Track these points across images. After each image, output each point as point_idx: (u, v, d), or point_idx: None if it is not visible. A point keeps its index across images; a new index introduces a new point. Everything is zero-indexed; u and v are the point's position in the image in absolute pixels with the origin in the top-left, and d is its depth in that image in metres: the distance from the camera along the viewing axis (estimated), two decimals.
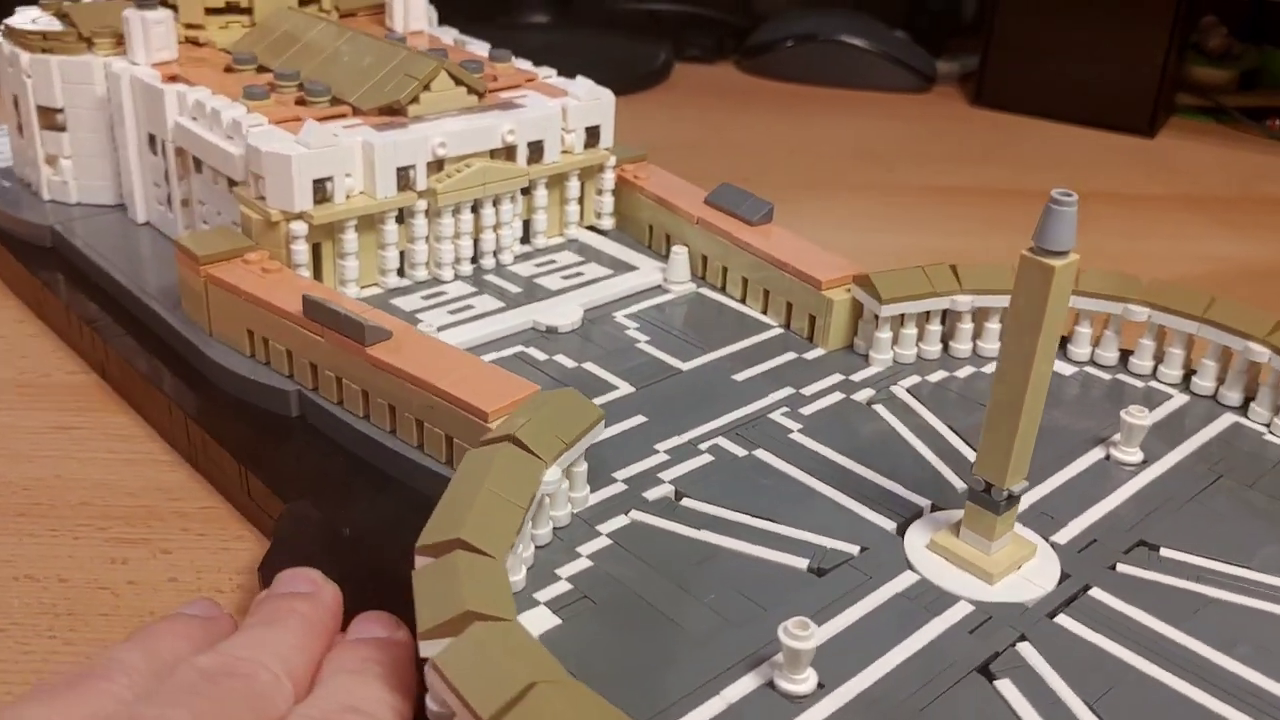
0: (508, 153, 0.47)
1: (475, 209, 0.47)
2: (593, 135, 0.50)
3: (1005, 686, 0.29)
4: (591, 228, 0.52)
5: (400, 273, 0.46)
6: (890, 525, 0.35)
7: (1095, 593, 0.32)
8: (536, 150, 0.48)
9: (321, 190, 0.43)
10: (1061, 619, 0.31)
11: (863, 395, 0.41)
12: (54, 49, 0.51)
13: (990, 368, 0.43)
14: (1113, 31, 0.79)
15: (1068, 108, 0.82)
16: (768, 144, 0.77)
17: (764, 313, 0.46)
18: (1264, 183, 0.74)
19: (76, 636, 0.34)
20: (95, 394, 0.46)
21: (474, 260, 0.48)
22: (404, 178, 0.44)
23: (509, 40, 0.81)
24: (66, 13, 0.52)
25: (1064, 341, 0.44)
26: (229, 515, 0.39)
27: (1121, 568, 0.33)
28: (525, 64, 0.53)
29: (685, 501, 0.35)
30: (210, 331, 0.43)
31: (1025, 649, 0.30)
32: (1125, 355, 0.44)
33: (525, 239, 0.50)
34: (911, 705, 0.28)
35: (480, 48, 0.56)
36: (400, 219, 0.45)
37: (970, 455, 0.38)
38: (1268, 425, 0.40)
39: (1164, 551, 0.34)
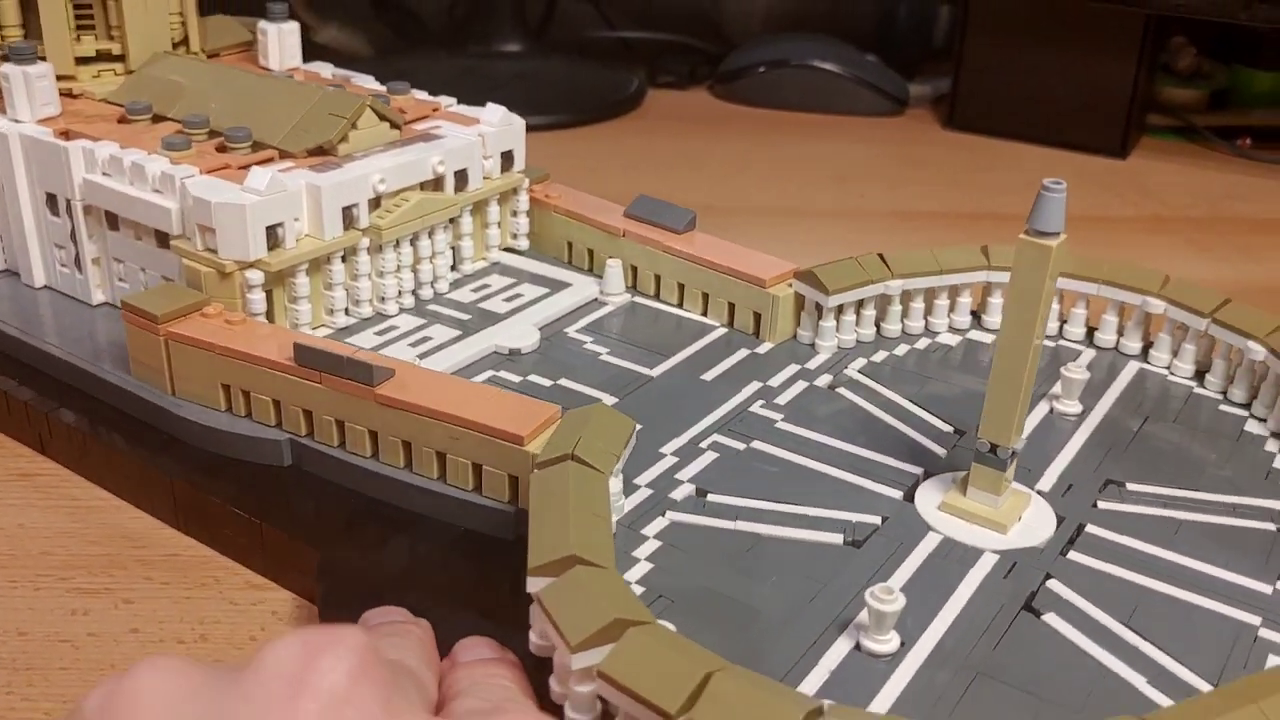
0: (436, 183, 0.48)
1: (413, 241, 0.47)
2: (507, 160, 0.51)
3: (1052, 619, 0.32)
4: (509, 249, 0.53)
5: (345, 311, 0.46)
6: (897, 494, 0.38)
7: (1090, 529, 0.36)
8: (461, 178, 0.49)
9: (273, 236, 0.42)
10: (1072, 555, 0.35)
11: (823, 381, 0.44)
12: None
13: (922, 344, 0.47)
14: (1082, 53, 0.80)
15: (1040, 130, 0.83)
16: (742, 170, 0.78)
17: (704, 314, 0.49)
18: (1233, 203, 0.75)
19: (35, 692, 0.34)
20: (58, 440, 0.44)
21: (414, 292, 0.48)
22: (348, 216, 0.44)
23: (483, 69, 0.81)
24: None
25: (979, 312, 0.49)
26: (192, 562, 0.39)
27: (1102, 504, 0.38)
28: (422, 94, 0.54)
29: (710, 497, 0.37)
30: (172, 391, 0.41)
31: (1055, 585, 0.34)
32: None
33: (453, 266, 0.51)
34: (983, 649, 0.31)
35: (365, 80, 0.56)
36: (343, 257, 0.45)
37: (935, 422, 0.42)
38: (1167, 368, 0.46)
39: (1130, 486, 0.39)
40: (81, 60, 0.52)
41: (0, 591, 0.38)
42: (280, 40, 0.56)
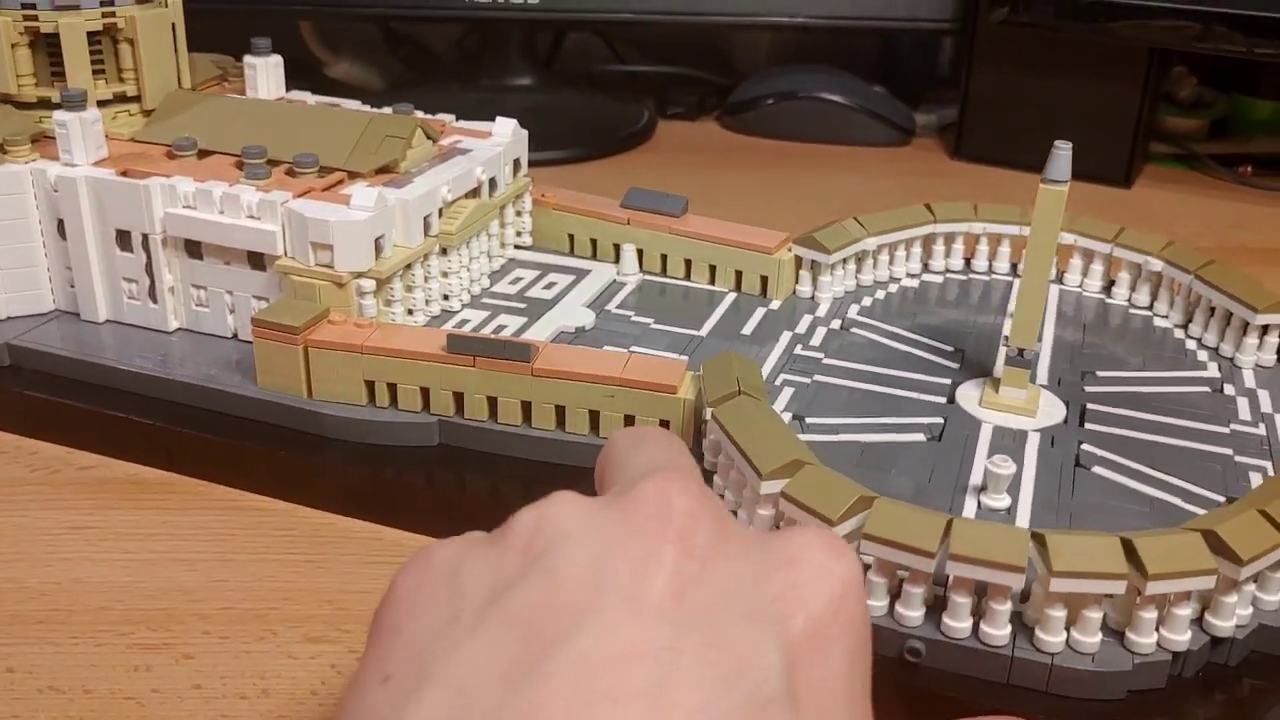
0: (475, 191, 0.54)
1: (467, 243, 0.53)
2: (517, 166, 0.58)
3: (1100, 470, 0.43)
4: (517, 245, 0.60)
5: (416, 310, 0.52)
6: (941, 399, 0.48)
7: (1090, 406, 0.47)
8: (493, 185, 0.55)
9: (378, 248, 0.48)
10: (1088, 425, 0.46)
11: (835, 324, 0.54)
12: None
13: (895, 288, 0.58)
14: (1087, 85, 0.82)
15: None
16: (751, 202, 0.79)
17: (711, 283, 0.57)
18: (1237, 232, 0.77)
19: None
20: (108, 491, 0.46)
21: (467, 289, 0.54)
22: (426, 225, 0.50)
23: (495, 102, 0.86)
24: None
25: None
26: (248, 615, 0.40)
27: (1088, 388, 0.49)
28: (420, 113, 0.59)
29: (807, 420, 0.46)
30: (309, 393, 0.46)
31: (1087, 447, 0.45)
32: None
33: None
34: (1064, 497, 0.41)
35: (353, 105, 0.60)
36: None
37: (933, 344, 0.52)
38: (1079, 286, 0.58)
39: (1099, 373, 0.50)
40: (101, 103, 0.54)
41: (63, 648, 0.38)
42: (268, 73, 0.60)
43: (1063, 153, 0.43)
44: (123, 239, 0.50)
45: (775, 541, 0.25)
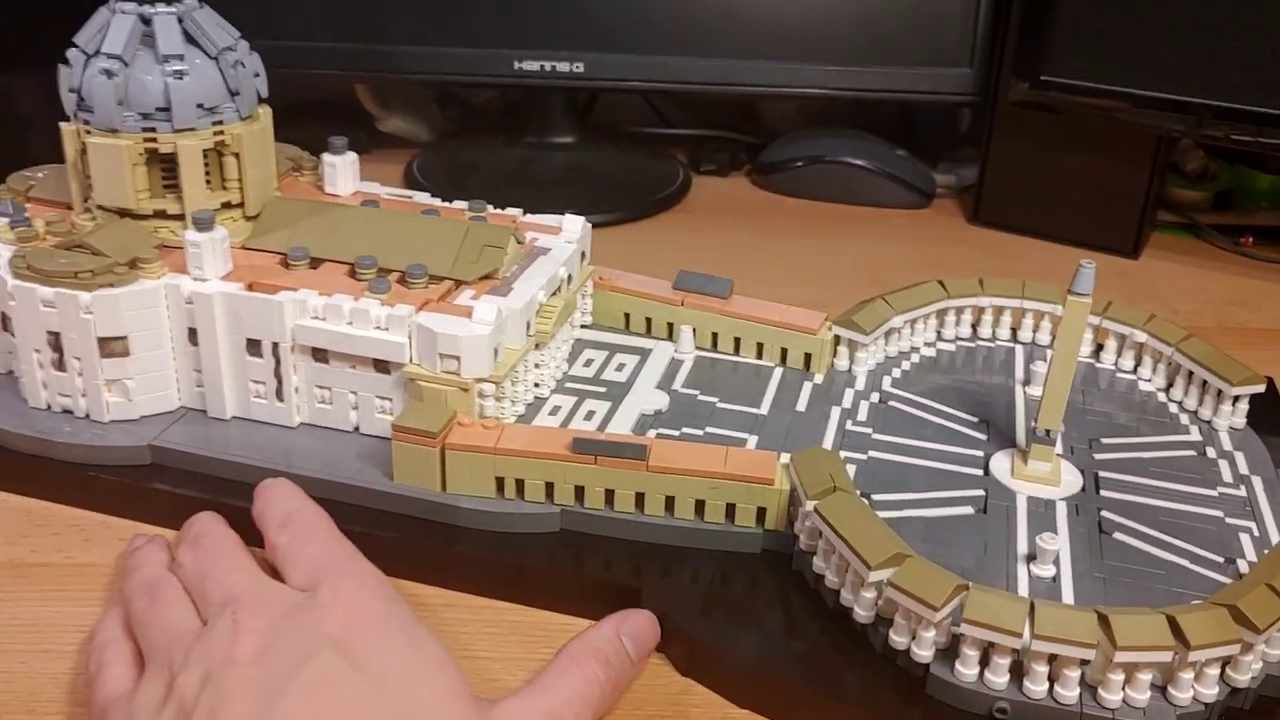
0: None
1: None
2: (583, 257, 0.64)
3: (1120, 536, 0.52)
4: (581, 326, 0.66)
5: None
6: (978, 471, 0.56)
7: (1102, 474, 0.56)
8: (569, 279, 0.62)
9: (495, 354, 0.54)
10: (1103, 492, 0.55)
11: (874, 398, 0.62)
12: (114, 282, 0.54)
13: (916, 358, 0.66)
14: (1100, 160, 0.87)
15: (1058, 227, 0.90)
16: (782, 265, 0.86)
17: (759, 358, 0.64)
18: (1238, 311, 0.82)
19: None
20: None
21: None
22: (527, 327, 0.56)
23: (537, 160, 0.92)
24: (85, 243, 0.55)
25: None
26: None
27: (1097, 456, 0.58)
28: (490, 207, 0.65)
29: (875, 497, 0.54)
30: (444, 488, 0.52)
31: (1107, 514, 0.53)
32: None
33: None
34: (1096, 563, 0.50)
35: (423, 198, 0.66)
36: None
37: (959, 414, 0.60)
38: (1113, 366, 0.67)
39: (1103, 440, 0.59)
40: None
41: None
42: (345, 170, 0.65)
43: (1088, 270, 0.52)
44: (253, 346, 0.55)
45: (311, 600, 0.43)
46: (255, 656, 0.40)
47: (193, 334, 0.56)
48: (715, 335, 0.65)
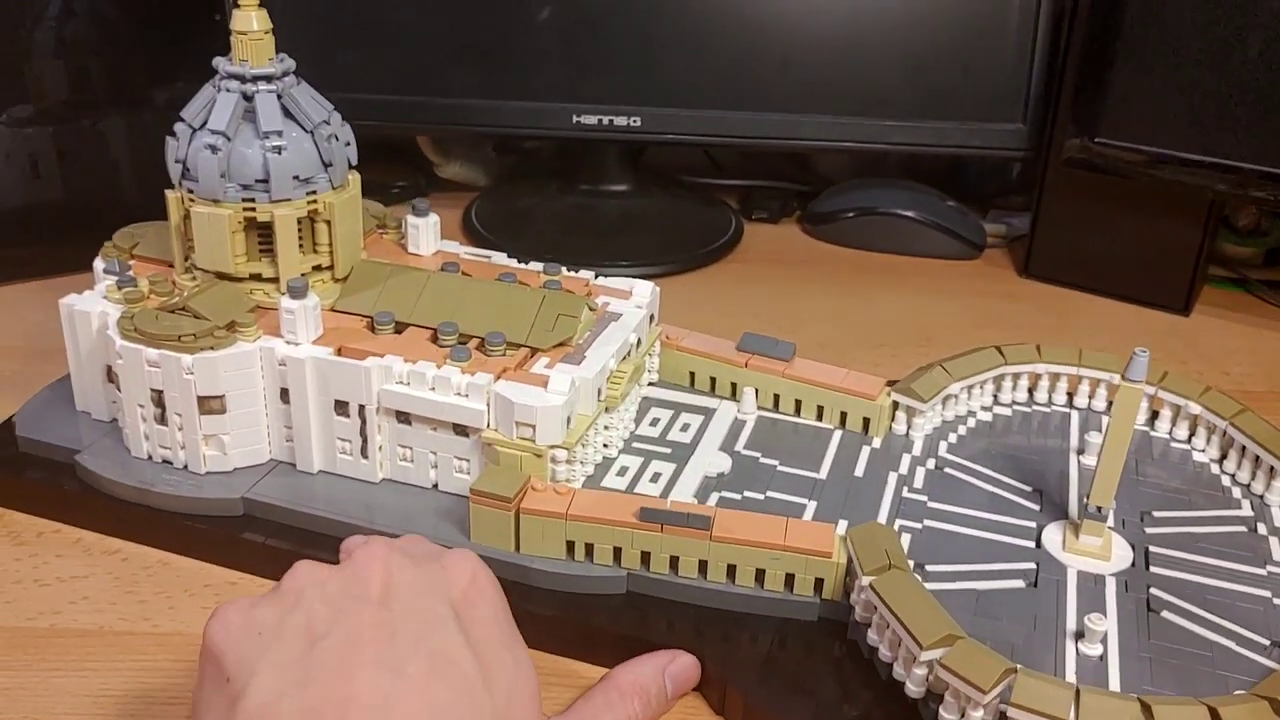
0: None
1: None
2: (651, 319, 0.67)
3: (1169, 615, 0.54)
4: (649, 384, 0.69)
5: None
6: (1030, 543, 0.58)
7: (1152, 549, 0.58)
8: (638, 343, 0.64)
9: (569, 421, 0.57)
10: (1153, 569, 0.57)
11: (930, 464, 0.64)
12: (214, 345, 0.58)
13: (972, 422, 0.68)
14: (1152, 218, 0.88)
15: (1109, 283, 0.91)
16: (835, 319, 0.87)
17: (819, 420, 0.67)
18: None
19: None
20: None
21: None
22: (598, 393, 0.59)
23: (592, 208, 0.95)
24: (187, 306, 0.59)
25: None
26: None
27: (1148, 529, 0.59)
28: (563, 268, 0.68)
29: (928, 567, 0.56)
30: (517, 549, 0.55)
31: (1155, 591, 0.55)
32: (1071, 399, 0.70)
33: None
34: (1142, 642, 0.52)
35: (500, 258, 0.69)
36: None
37: (1012, 482, 0.62)
38: (1167, 435, 0.68)
39: (1155, 514, 0.61)
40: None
41: None
42: (426, 231, 0.69)
43: (1141, 359, 0.53)
44: (340, 406, 0.59)
45: (437, 562, 0.45)
46: (385, 596, 0.42)
47: (285, 393, 0.59)
48: (777, 397, 0.68)
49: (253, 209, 0.60)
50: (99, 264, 0.66)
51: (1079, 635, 0.52)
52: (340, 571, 0.43)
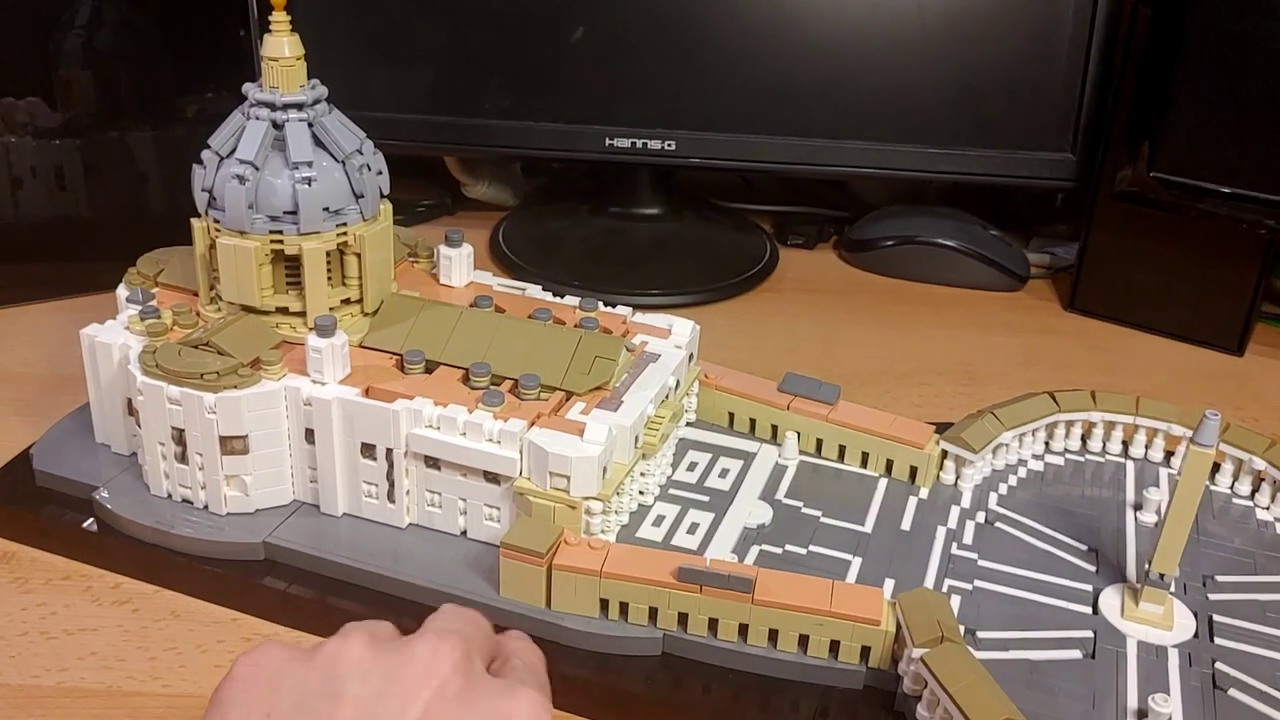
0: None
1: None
2: (690, 357, 0.65)
3: (1235, 694, 0.51)
4: (686, 424, 0.66)
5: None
6: (1086, 609, 0.55)
7: (1216, 618, 0.55)
8: (676, 385, 0.62)
9: (605, 472, 0.54)
10: (1218, 640, 0.54)
11: (980, 517, 0.61)
12: (237, 384, 0.56)
13: (1024, 471, 0.65)
14: (1204, 255, 0.84)
15: (1159, 321, 0.87)
16: (876, 356, 0.84)
17: (863, 467, 0.64)
18: None
19: None
20: None
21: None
22: (635, 440, 0.57)
23: (624, 232, 0.91)
24: (211, 342, 0.57)
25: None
26: None
27: (1212, 597, 0.56)
28: (600, 304, 0.65)
29: (980, 634, 0.53)
30: (548, 605, 0.53)
31: (1221, 666, 0.52)
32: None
33: None
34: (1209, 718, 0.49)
35: (535, 291, 0.67)
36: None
37: (1067, 540, 0.59)
38: (1229, 490, 0.65)
39: (1218, 578, 0.58)
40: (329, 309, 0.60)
41: None
42: (459, 262, 0.66)
43: (1212, 422, 0.51)
44: (367, 449, 0.57)
45: (499, 694, 0.38)
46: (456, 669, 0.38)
47: (310, 434, 0.57)
48: (820, 441, 0.65)
49: (280, 241, 0.58)
50: (122, 291, 0.63)
51: (1141, 715, 0.49)
52: (393, 655, 0.38)
